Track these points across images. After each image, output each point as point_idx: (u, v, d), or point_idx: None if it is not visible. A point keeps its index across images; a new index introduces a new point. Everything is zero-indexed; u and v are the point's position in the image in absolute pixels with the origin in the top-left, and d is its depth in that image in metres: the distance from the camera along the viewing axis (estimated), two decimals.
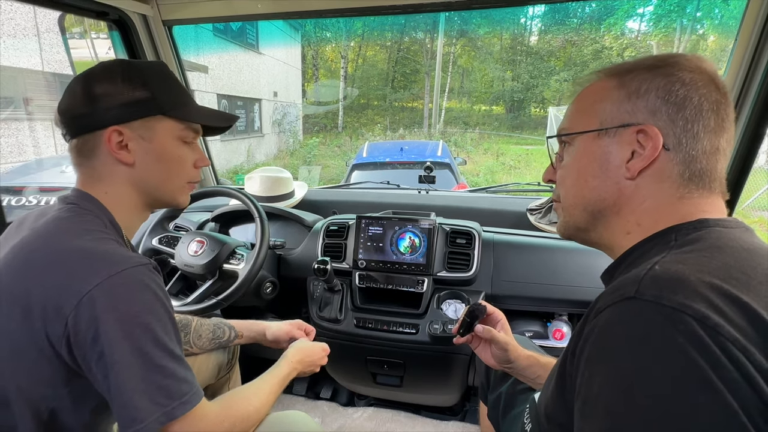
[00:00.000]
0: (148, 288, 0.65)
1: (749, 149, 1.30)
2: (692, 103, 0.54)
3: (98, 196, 0.75)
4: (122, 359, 0.61)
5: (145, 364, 0.62)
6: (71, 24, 1.95)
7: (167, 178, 0.80)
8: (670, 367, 0.40)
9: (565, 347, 0.53)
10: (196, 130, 0.83)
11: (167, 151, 0.78)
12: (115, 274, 0.62)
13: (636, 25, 18.45)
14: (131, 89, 0.73)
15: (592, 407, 0.44)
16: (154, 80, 0.76)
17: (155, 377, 0.62)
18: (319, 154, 12.70)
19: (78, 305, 0.60)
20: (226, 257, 1.36)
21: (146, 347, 0.62)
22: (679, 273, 0.45)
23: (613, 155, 0.58)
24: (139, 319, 0.62)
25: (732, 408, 0.37)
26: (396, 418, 1.67)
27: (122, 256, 0.65)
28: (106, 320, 0.60)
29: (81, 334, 0.60)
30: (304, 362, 1.04)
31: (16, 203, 2.77)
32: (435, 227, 1.42)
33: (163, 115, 0.77)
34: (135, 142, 0.75)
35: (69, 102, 0.74)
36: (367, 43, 20.24)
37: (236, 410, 0.77)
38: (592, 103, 0.61)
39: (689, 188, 0.55)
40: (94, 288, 0.60)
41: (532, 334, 1.47)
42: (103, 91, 0.72)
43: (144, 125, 0.75)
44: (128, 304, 0.62)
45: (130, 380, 0.61)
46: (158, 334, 0.64)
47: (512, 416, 0.92)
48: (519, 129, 18.15)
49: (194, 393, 0.67)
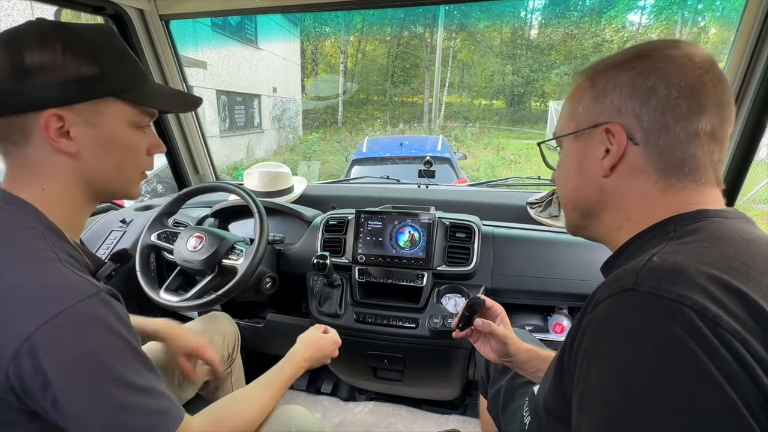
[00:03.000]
0: (99, 323, 0.55)
1: (750, 142, 1.30)
2: (657, 94, 0.53)
3: (30, 197, 0.62)
4: (80, 407, 0.54)
5: (106, 407, 0.54)
6: (68, 19, 1.94)
7: (118, 170, 0.68)
8: (669, 359, 0.40)
9: (564, 340, 0.53)
10: (152, 113, 0.71)
11: (118, 139, 0.66)
12: (57, 315, 0.52)
13: (637, 18, 18.35)
14: (76, 63, 0.59)
15: (589, 400, 0.44)
16: (104, 53, 0.62)
17: (121, 417, 0.55)
18: (318, 149, 12.67)
19: (16, 355, 0.51)
20: (226, 252, 1.36)
21: (105, 388, 0.55)
22: (678, 264, 0.45)
23: (589, 156, 0.60)
24: (92, 361, 0.54)
25: (731, 400, 0.37)
26: (397, 412, 1.67)
27: (65, 289, 0.55)
28: (52, 368, 0.52)
29: (27, 384, 0.53)
30: (313, 359, 0.99)
31: None
32: (434, 221, 1.41)
33: (115, 97, 0.64)
34: (79, 128, 0.62)
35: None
36: (367, 38, 20.15)
37: (226, 426, 0.70)
38: (571, 105, 0.63)
39: (669, 180, 0.55)
40: (33, 334, 0.51)
41: (533, 328, 1.47)
42: (37, 62, 0.57)
43: (90, 108, 0.62)
44: (76, 346, 0.53)
45: (94, 428, 0.54)
46: (116, 371, 0.56)
47: (512, 410, 0.92)
48: (519, 123, 18.09)
49: (170, 419, 0.60)
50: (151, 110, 0.70)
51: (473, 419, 1.64)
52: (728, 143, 0.57)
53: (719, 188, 0.57)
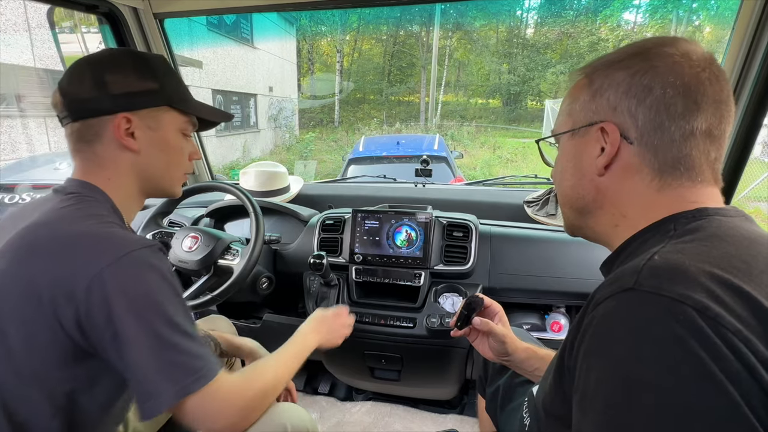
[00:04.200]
0: (156, 269, 0.66)
1: (746, 139, 1.30)
2: (653, 93, 0.53)
3: (100, 183, 0.76)
4: (136, 339, 0.62)
5: (158, 343, 0.63)
6: (61, 18, 1.92)
7: (168, 168, 0.82)
8: (670, 359, 0.39)
9: (564, 339, 0.53)
10: (195, 123, 0.86)
11: (170, 142, 0.81)
12: (123, 256, 0.63)
13: (632, 16, 18.46)
14: (141, 79, 0.76)
15: (590, 401, 0.44)
16: (161, 72, 0.79)
17: (169, 355, 0.64)
18: (315, 149, 12.63)
19: (88, 288, 0.61)
20: (221, 253, 1.35)
21: (158, 327, 0.64)
22: (679, 263, 0.44)
23: (584, 154, 0.60)
24: (150, 300, 0.64)
25: (734, 400, 0.36)
26: (394, 411, 1.67)
27: (129, 238, 0.67)
28: (117, 302, 0.61)
29: (93, 316, 0.62)
30: (321, 332, 1.05)
31: (9, 201, 2.74)
32: (432, 220, 1.41)
33: (169, 107, 0.80)
34: (141, 130, 0.77)
35: (75, 86, 0.74)
36: (363, 37, 20.13)
37: (257, 382, 0.80)
38: (569, 103, 0.62)
39: (665, 179, 0.54)
40: (103, 270, 0.62)
41: (530, 327, 1.47)
42: (113, 78, 0.74)
43: (150, 115, 0.77)
44: (138, 285, 0.64)
45: (145, 359, 0.63)
46: (169, 314, 0.65)
47: (510, 409, 0.91)
48: (516, 122, 18.12)
49: (209, 368, 0.68)
50: (194, 121, 0.85)
51: (471, 418, 1.64)
52: (726, 142, 0.56)
53: (718, 186, 0.56)
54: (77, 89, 0.74)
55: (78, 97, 0.73)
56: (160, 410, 0.63)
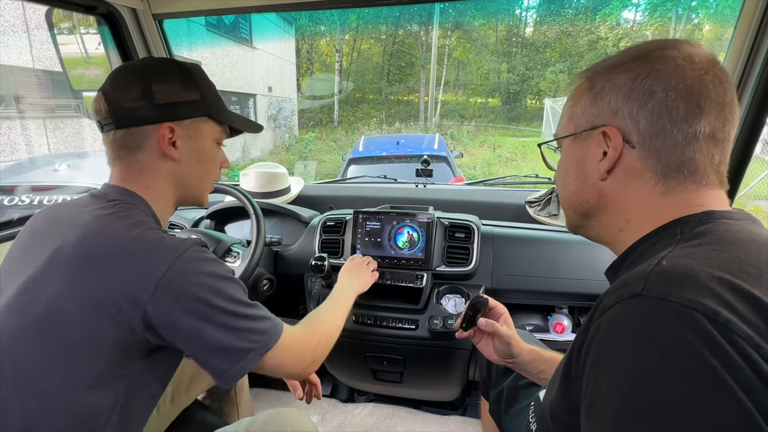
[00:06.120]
0: (208, 261, 0.71)
1: (749, 138, 1.29)
2: (655, 97, 0.52)
3: (139, 190, 0.77)
4: (213, 322, 0.68)
5: (232, 318, 0.70)
6: (59, 19, 1.91)
7: (202, 177, 0.85)
8: (680, 366, 0.38)
9: (570, 346, 0.52)
10: (227, 133, 0.89)
11: (207, 151, 0.84)
12: (179, 256, 0.67)
13: (631, 15, 18.46)
14: (186, 90, 0.78)
15: (598, 409, 0.43)
16: (203, 83, 0.81)
17: (244, 323, 0.71)
18: (315, 149, 12.62)
19: (155, 292, 0.65)
20: (222, 255, 1.34)
21: (228, 306, 0.70)
22: (688, 268, 0.43)
23: (586, 158, 0.59)
24: (213, 289, 0.69)
25: (746, 408, 0.36)
26: (396, 413, 1.66)
27: (177, 240, 0.71)
28: (186, 300, 0.66)
29: (164, 316, 0.66)
30: (354, 282, 1.20)
31: (9, 203, 2.74)
32: (433, 221, 1.40)
33: (209, 117, 0.82)
34: (183, 140, 0.79)
35: (121, 94, 0.75)
36: (362, 37, 20.11)
37: (317, 328, 0.90)
38: (571, 107, 0.62)
39: (669, 183, 0.54)
40: (165, 273, 0.65)
41: (533, 328, 1.46)
42: (159, 88, 0.75)
43: (192, 125, 0.80)
44: (200, 278, 0.68)
45: (224, 335, 0.69)
46: (230, 293, 0.71)
47: (515, 412, 0.91)
48: (515, 121, 18.10)
49: (278, 325, 0.77)
50: (227, 130, 0.88)
51: (473, 420, 1.64)
52: (730, 144, 0.55)
53: (723, 189, 0.55)
54: (123, 97, 0.75)
55: (124, 105, 0.75)
56: (246, 370, 0.71)
